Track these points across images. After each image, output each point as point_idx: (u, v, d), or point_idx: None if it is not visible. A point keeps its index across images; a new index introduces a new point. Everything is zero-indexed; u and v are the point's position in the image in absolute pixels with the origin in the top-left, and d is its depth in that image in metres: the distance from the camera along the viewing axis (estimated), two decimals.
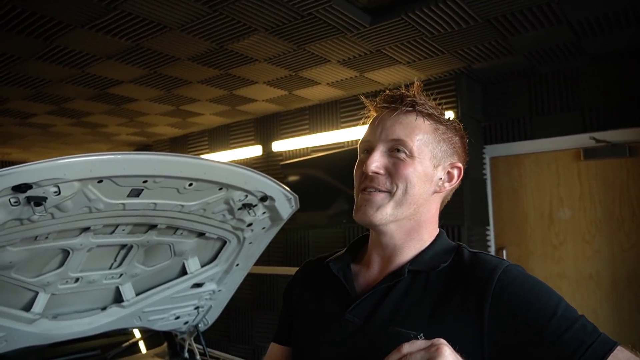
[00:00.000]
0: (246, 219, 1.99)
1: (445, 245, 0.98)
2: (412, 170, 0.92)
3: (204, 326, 2.52)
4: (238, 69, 3.16)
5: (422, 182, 0.93)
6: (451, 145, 0.98)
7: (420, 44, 2.79)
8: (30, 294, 1.86)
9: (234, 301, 2.71)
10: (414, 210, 0.94)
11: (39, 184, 1.35)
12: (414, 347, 0.70)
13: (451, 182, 0.98)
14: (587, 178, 3.26)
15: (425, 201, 0.95)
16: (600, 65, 3.18)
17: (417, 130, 0.94)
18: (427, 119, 0.95)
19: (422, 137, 0.94)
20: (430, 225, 0.99)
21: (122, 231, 1.82)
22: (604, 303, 3.12)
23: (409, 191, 0.92)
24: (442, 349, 0.67)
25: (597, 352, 0.74)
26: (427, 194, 0.95)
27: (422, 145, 0.93)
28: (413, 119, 0.94)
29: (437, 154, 0.95)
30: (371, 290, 0.93)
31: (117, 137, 5.25)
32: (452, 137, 0.98)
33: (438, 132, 0.96)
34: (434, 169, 0.95)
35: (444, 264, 0.91)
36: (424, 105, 0.95)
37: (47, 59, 2.82)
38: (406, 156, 0.92)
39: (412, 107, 0.95)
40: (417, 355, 0.68)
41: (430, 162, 0.94)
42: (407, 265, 0.92)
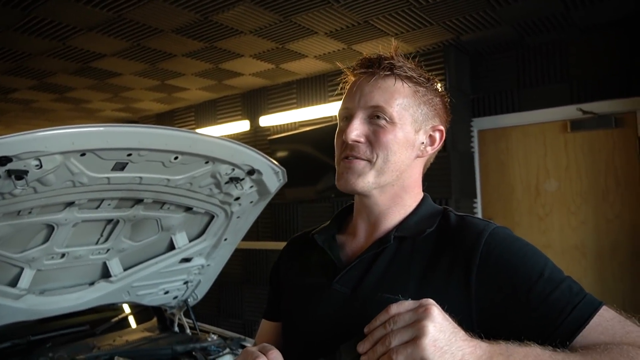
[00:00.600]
0: (233, 192, 1.98)
1: (431, 209, 0.97)
2: (393, 137, 0.90)
3: (194, 301, 2.52)
4: (223, 41, 3.10)
5: (403, 148, 0.91)
6: (432, 107, 0.95)
7: (409, 14, 2.75)
8: (15, 269, 1.84)
9: (224, 276, 2.71)
10: (397, 177, 0.93)
11: (19, 157, 1.31)
12: (401, 308, 0.69)
13: (433, 145, 0.96)
14: (574, 149, 3.28)
15: (408, 167, 0.94)
16: (589, 37, 3.17)
17: (397, 95, 0.91)
18: (407, 82, 0.92)
19: (402, 102, 0.91)
20: (413, 190, 0.98)
21: (108, 206, 1.79)
22: (588, 272, 3.18)
23: (390, 158, 0.90)
24: (431, 309, 0.67)
25: (582, 312, 0.75)
26: (410, 160, 0.94)
27: (402, 110, 0.91)
28: (392, 83, 0.92)
29: (418, 117, 0.93)
30: (358, 259, 0.92)
31: (101, 112, 5.16)
32: (433, 99, 0.96)
33: (418, 95, 0.93)
34: (416, 134, 0.93)
35: (430, 229, 0.90)
36: (402, 67, 0.92)
37: (26, 31, 2.74)
38: (386, 123, 0.90)
39: (390, 71, 0.92)
40: (405, 316, 0.68)
41: (411, 127, 0.92)
42: (393, 232, 0.92)
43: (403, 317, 0.68)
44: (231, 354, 2.25)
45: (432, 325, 0.65)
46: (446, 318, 0.68)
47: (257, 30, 2.94)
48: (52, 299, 1.99)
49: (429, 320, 0.66)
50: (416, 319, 0.67)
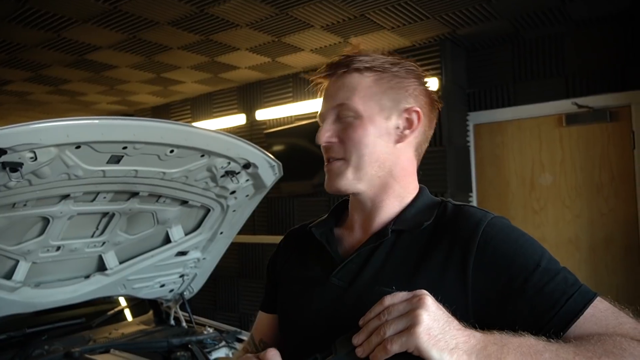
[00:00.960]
0: (229, 186, 1.98)
1: (429, 201, 0.97)
2: (362, 131, 0.91)
3: (190, 294, 2.53)
4: (219, 34, 3.09)
5: (377, 138, 0.91)
6: (402, 90, 0.94)
7: (405, 8, 2.75)
8: (10, 262, 1.84)
9: (220, 269, 2.72)
10: (379, 167, 0.93)
11: (14, 149, 1.31)
12: (396, 299, 0.70)
13: (412, 128, 0.94)
14: (569, 143, 3.29)
15: (389, 154, 0.93)
16: (584, 31, 3.17)
17: (358, 88, 0.92)
18: (367, 72, 0.93)
19: (365, 93, 0.92)
20: (405, 179, 0.97)
21: (104, 199, 1.79)
22: (582, 266, 3.20)
23: (363, 152, 0.91)
24: (424, 298, 0.68)
25: (577, 303, 0.76)
26: (388, 147, 0.93)
27: (367, 101, 0.91)
28: (352, 78, 0.93)
29: (385, 104, 0.92)
30: (355, 253, 0.92)
31: (97, 105, 5.14)
32: (402, 82, 0.94)
33: (383, 82, 0.93)
34: (386, 120, 0.93)
35: (427, 222, 0.90)
36: (360, 60, 0.93)
37: (20, 22, 2.72)
38: (353, 118, 0.91)
39: (346, 67, 0.93)
40: (399, 307, 0.69)
41: (379, 115, 0.92)
42: (391, 225, 0.92)
43: (397, 308, 0.69)
44: (227, 347, 2.26)
45: (426, 314, 0.66)
46: (440, 307, 0.69)
47: (253, 24, 2.93)
48: (47, 292, 1.99)
49: (422, 309, 0.67)
50: (410, 308, 0.68)
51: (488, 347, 0.67)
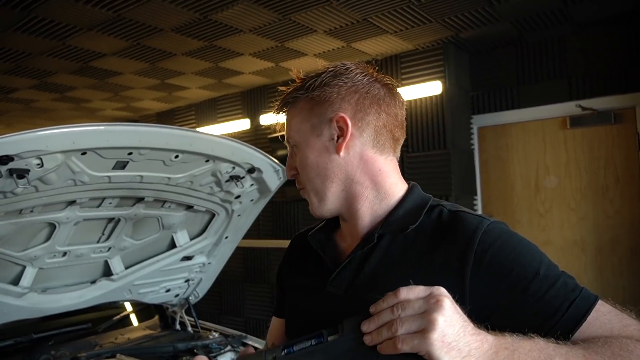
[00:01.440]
0: (234, 191, 1.99)
1: (418, 201, 0.93)
2: (303, 158, 0.93)
3: (195, 299, 2.54)
4: (223, 40, 3.10)
5: (318, 158, 0.92)
6: (325, 102, 0.91)
7: (408, 11, 2.76)
8: (17, 268, 1.85)
9: (225, 274, 2.72)
10: (335, 182, 0.92)
11: (21, 156, 1.32)
12: (411, 294, 0.68)
13: (344, 134, 0.89)
14: (573, 146, 3.28)
15: (337, 167, 0.91)
16: (587, 33, 3.17)
17: (293, 119, 0.95)
18: (299, 102, 0.95)
19: (297, 120, 0.95)
20: (375, 180, 0.92)
21: (109, 204, 1.81)
22: (588, 268, 3.19)
23: (311, 175, 0.93)
24: (442, 301, 0.66)
25: (579, 308, 0.75)
26: (334, 162, 0.91)
27: (299, 128, 0.94)
28: (288, 113, 0.97)
29: (314, 122, 0.92)
30: (346, 260, 0.91)
31: (102, 112, 5.17)
32: (324, 91, 0.91)
33: (309, 102, 0.93)
34: (319, 137, 0.91)
35: (413, 225, 0.87)
36: (288, 94, 0.96)
37: (25, 31, 2.74)
38: (296, 148, 0.95)
39: (282, 107, 0.97)
40: (414, 304, 0.67)
41: (312, 135, 0.92)
42: (378, 230, 0.90)
43: (412, 305, 0.67)
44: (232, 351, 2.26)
45: (442, 318, 0.65)
46: (457, 311, 0.67)
47: (256, 29, 2.94)
48: (54, 297, 2.00)
49: (439, 314, 0.65)
50: (426, 309, 0.66)
51: (500, 353, 0.67)
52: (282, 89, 0.98)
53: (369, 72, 0.94)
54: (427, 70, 3.42)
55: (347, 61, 0.95)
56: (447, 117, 3.33)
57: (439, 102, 3.36)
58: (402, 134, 0.96)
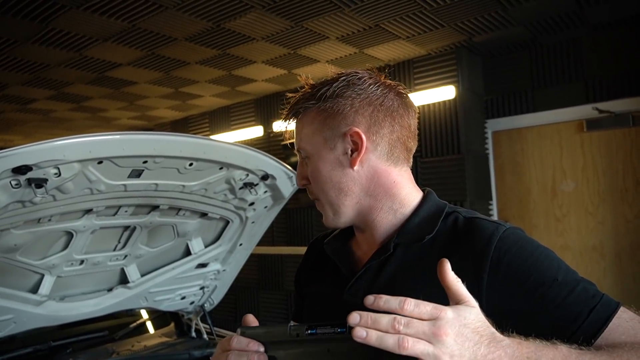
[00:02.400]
0: (248, 198, 1.99)
1: (434, 209, 0.92)
2: (316, 170, 0.91)
3: (210, 306, 2.54)
4: (236, 48, 3.13)
5: (332, 171, 0.90)
6: (338, 114, 0.89)
7: (420, 17, 2.75)
8: (36, 276, 1.88)
9: (240, 281, 2.73)
10: (349, 196, 0.90)
11: (39, 166, 1.34)
12: (417, 311, 0.65)
13: (359, 149, 0.88)
14: (590, 149, 3.24)
15: (352, 181, 0.89)
16: (603, 35, 3.13)
17: (304, 129, 0.93)
18: (309, 112, 0.92)
19: (308, 131, 0.92)
20: (391, 192, 0.91)
21: (125, 212, 1.82)
22: (607, 274, 3.13)
23: (325, 188, 0.91)
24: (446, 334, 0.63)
25: (601, 314, 0.73)
26: (347, 175, 0.89)
27: (311, 139, 0.91)
28: (298, 121, 0.95)
29: (327, 135, 0.90)
30: (363, 269, 0.91)
31: (118, 121, 5.24)
32: (337, 103, 0.89)
33: (321, 113, 0.90)
34: (333, 151, 0.89)
35: (429, 235, 0.86)
36: (298, 102, 0.93)
37: (43, 42, 2.80)
38: (308, 159, 0.93)
39: (294, 115, 0.95)
40: (419, 327, 0.64)
41: (325, 148, 0.90)
42: (394, 239, 0.89)
43: (416, 326, 0.64)
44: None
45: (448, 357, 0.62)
46: (465, 337, 0.63)
47: (268, 37, 2.96)
48: (71, 305, 2.02)
49: (441, 351, 0.62)
50: (430, 339, 0.63)
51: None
52: (291, 96, 0.95)
53: (381, 82, 0.92)
54: (440, 75, 3.40)
55: (359, 69, 0.93)
56: (460, 122, 3.31)
57: (452, 107, 3.34)
58: (415, 143, 0.96)
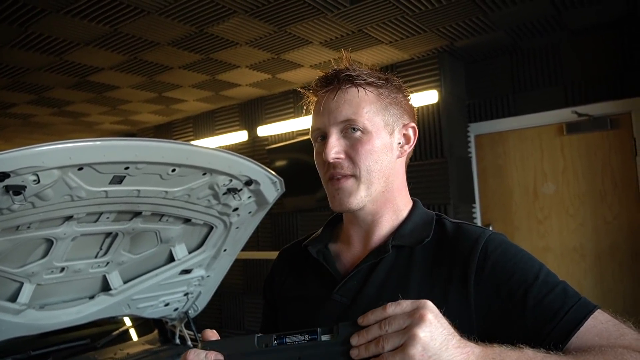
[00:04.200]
0: (232, 203, 1.98)
1: (424, 215, 0.97)
2: (371, 147, 0.90)
3: (194, 312, 2.52)
4: (219, 53, 3.12)
5: (383, 154, 0.92)
6: (398, 105, 0.96)
7: (402, 22, 2.78)
8: (15, 284, 1.84)
9: (225, 287, 2.71)
10: (385, 182, 0.93)
11: (17, 173, 1.32)
12: (398, 309, 0.68)
13: (409, 143, 0.97)
14: (570, 152, 3.29)
15: (392, 170, 0.94)
16: (581, 39, 3.19)
17: (363, 104, 0.90)
18: (369, 88, 0.92)
19: (370, 108, 0.91)
20: (402, 192, 0.98)
21: (107, 219, 1.80)
22: (588, 274, 3.18)
23: (373, 168, 0.90)
24: (425, 315, 0.66)
25: (577, 314, 0.75)
26: (392, 163, 0.94)
27: (372, 117, 0.91)
28: (355, 93, 0.91)
29: (388, 120, 0.93)
30: (355, 269, 0.92)
31: (100, 126, 5.18)
32: (397, 97, 0.96)
33: (382, 98, 0.93)
34: (391, 136, 0.94)
35: (428, 238, 0.90)
36: (360, 75, 0.92)
37: (23, 46, 2.76)
38: (362, 134, 0.90)
39: (350, 82, 0.91)
40: (399, 320, 0.67)
41: (385, 130, 0.92)
42: (391, 241, 0.91)
43: (397, 321, 0.67)
44: None
45: (423, 333, 0.65)
46: (441, 324, 0.67)
47: (252, 42, 2.96)
48: (52, 314, 1.99)
49: (420, 328, 0.65)
50: (409, 324, 0.66)
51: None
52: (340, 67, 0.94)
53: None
54: (422, 79, 3.43)
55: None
56: (443, 126, 3.35)
57: (435, 111, 3.37)
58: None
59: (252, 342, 0.74)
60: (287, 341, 0.73)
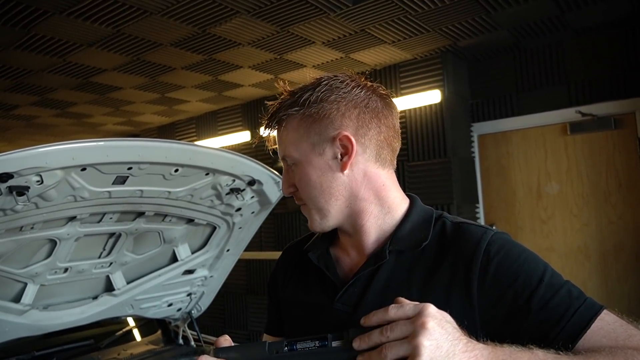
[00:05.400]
0: (235, 203, 1.98)
1: (423, 214, 0.93)
2: (304, 176, 0.90)
3: (197, 312, 2.52)
4: (222, 53, 3.12)
5: (319, 177, 0.89)
6: (325, 119, 0.88)
7: (405, 22, 2.77)
8: (19, 285, 1.85)
9: (228, 287, 2.71)
10: (338, 200, 0.90)
11: (20, 173, 1.32)
12: (400, 312, 0.68)
13: (349, 152, 0.87)
14: (574, 152, 3.28)
15: (342, 185, 0.89)
16: (585, 39, 3.18)
17: (289, 137, 0.91)
18: (290, 120, 0.91)
19: (293, 137, 0.90)
20: (379, 196, 0.92)
21: (110, 219, 1.80)
22: (592, 275, 3.16)
23: (313, 194, 0.89)
24: (427, 322, 0.65)
25: (583, 316, 0.74)
26: (337, 179, 0.89)
27: (298, 145, 0.89)
28: (282, 129, 0.92)
29: (315, 140, 0.88)
30: (355, 277, 0.90)
31: (103, 127, 5.19)
32: (323, 108, 0.88)
33: (306, 119, 0.89)
34: (321, 156, 0.89)
35: (426, 242, 0.88)
36: (278, 112, 0.92)
37: (26, 48, 2.77)
38: (295, 166, 0.91)
39: (276, 124, 0.93)
40: (402, 327, 0.66)
41: (313, 154, 0.89)
42: (388, 246, 0.89)
43: (400, 327, 0.66)
44: None
45: (428, 342, 0.63)
46: (445, 330, 0.66)
47: (254, 42, 2.96)
48: (56, 314, 1.99)
49: (424, 337, 0.64)
50: (412, 331, 0.65)
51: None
52: (271, 104, 0.95)
53: (363, 84, 0.92)
54: (426, 79, 3.43)
55: (338, 73, 0.93)
56: (447, 126, 3.34)
57: (438, 111, 3.36)
58: (399, 144, 0.96)
59: (263, 349, 0.74)
60: (297, 347, 0.73)
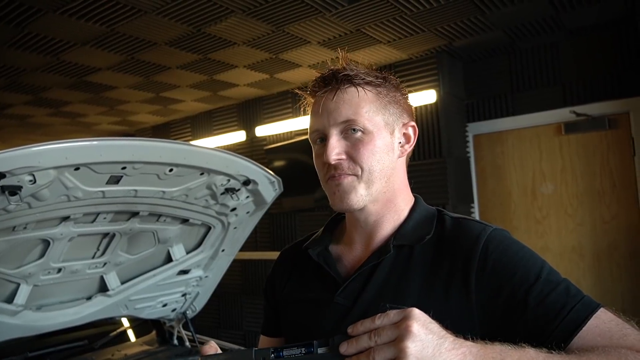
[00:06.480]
0: (230, 203, 1.98)
1: (425, 212, 0.97)
2: (373, 147, 0.89)
3: (192, 313, 2.52)
4: (217, 52, 3.11)
5: (384, 153, 0.90)
6: (397, 104, 0.95)
7: (400, 22, 2.77)
8: (11, 285, 1.84)
9: (223, 287, 2.70)
10: (386, 182, 0.92)
11: (13, 173, 1.31)
12: (386, 320, 0.68)
13: (409, 142, 0.96)
14: (569, 152, 3.29)
15: (393, 169, 0.93)
16: (579, 39, 3.19)
17: (363, 104, 0.89)
18: (367, 87, 0.91)
19: (370, 108, 0.90)
20: (403, 192, 0.97)
21: (104, 219, 1.80)
22: (586, 274, 3.18)
23: (375, 168, 0.89)
24: (411, 326, 0.65)
25: (580, 313, 0.75)
26: (393, 163, 0.93)
27: (373, 117, 0.90)
28: (354, 93, 0.90)
29: (388, 119, 0.92)
30: (358, 271, 0.91)
31: (98, 126, 5.17)
32: (395, 96, 0.95)
33: (381, 97, 0.92)
34: (391, 136, 0.93)
35: (429, 235, 0.89)
36: (358, 75, 0.90)
37: (20, 47, 2.75)
38: (363, 134, 0.89)
39: (348, 82, 0.90)
40: (388, 332, 0.66)
41: (385, 130, 0.91)
42: (392, 240, 0.91)
43: (386, 332, 0.66)
44: None
45: (413, 345, 0.64)
46: (429, 330, 0.66)
47: (250, 41, 2.95)
48: (49, 315, 1.98)
49: (409, 340, 0.64)
50: (397, 336, 0.65)
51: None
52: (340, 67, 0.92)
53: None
54: (421, 79, 3.43)
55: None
56: (442, 126, 3.34)
57: (433, 111, 3.37)
58: None
59: (250, 356, 0.74)
60: (284, 354, 0.73)
